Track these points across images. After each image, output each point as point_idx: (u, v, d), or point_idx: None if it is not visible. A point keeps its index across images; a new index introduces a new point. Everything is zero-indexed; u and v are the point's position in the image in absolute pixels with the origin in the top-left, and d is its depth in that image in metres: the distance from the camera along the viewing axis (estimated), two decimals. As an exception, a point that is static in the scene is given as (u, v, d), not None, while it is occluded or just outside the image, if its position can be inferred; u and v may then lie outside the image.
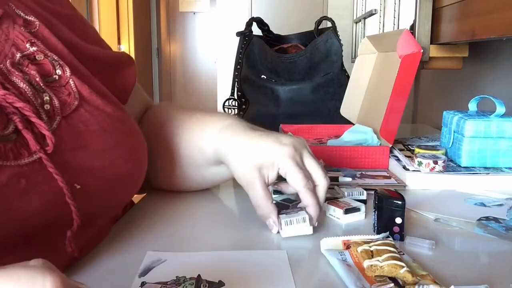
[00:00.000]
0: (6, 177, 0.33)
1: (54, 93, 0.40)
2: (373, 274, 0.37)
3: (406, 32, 0.75)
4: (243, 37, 1.17)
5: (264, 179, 0.50)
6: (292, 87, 1.07)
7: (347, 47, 1.75)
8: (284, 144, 0.50)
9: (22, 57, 0.40)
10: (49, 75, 0.41)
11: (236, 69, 1.17)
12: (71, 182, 0.37)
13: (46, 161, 0.36)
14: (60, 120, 0.39)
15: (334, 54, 1.10)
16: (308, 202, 0.49)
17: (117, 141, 0.44)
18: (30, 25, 0.43)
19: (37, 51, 0.41)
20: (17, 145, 0.35)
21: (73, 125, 0.40)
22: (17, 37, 0.41)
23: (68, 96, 0.41)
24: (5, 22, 0.41)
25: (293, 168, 0.49)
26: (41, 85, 0.40)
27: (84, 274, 0.40)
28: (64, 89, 0.41)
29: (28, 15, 0.44)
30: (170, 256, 0.43)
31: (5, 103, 0.36)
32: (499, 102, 0.68)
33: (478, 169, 0.68)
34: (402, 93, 0.74)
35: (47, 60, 0.42)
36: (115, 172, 0.43)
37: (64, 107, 0.40)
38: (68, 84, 0.42)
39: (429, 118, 1.35)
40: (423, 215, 0.55)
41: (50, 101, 0.40)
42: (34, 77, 0.40)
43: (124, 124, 0.47)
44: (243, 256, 0.44)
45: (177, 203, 0.59)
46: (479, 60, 1.04)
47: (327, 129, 0.97)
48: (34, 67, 0.40)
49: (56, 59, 0.42)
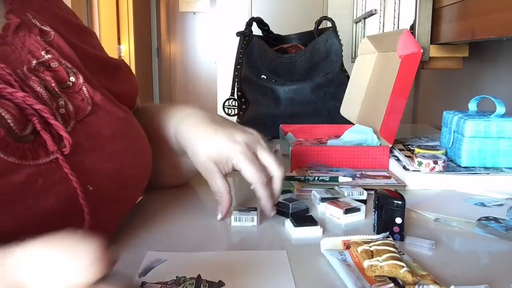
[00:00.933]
0: (25, 176, 0.34)
1: (68, 98, 0.42)
2: (373, 274, 0.38)
3: (406, 32, 0.75)
4: (243, 37, 1.17)
5: (221, 170, 0.53)
6: (292, 87, 1.07)
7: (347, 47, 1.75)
8: (236, 142, 0.52)
9: (38, 64, 0.42)
10: (63, 81, 0.43)
11: (236, 69, 1.17)
12: (84, 184, 0.38)
13: (62, 161, 0.37)
14: (75, 124, 0.41)
15: (334, 54, 1.10)
16: (261, 195, 0.51)
17: (126, 145, 0.46)
18: (45, 35, 0.46)
19: (51, 58, 0.44)
20: (34, 146, 0.37)
21: (87, 129, 0.42)
22: (33, 45, 0.43)
23: (81, 102, 0.43)
24: (22, 31, 0.44)
25: (245, 163, 0.51)
26: (57, 90, 0.42)
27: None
28: (78, 95, 0.44)
29: (44, 26, 0.46)
30: (170, 256, 0.43)
31: (25, 105, 0.37)
32: (499, 102, 0.68)
33: (478, 169, 0.68)
34: (402, 93, 0.74)
35: (61, 68, 0.44)
36: (124, 175, 0.44)
37: (78, 111, 0.42)
38: (81, 91, 0.44)
39: (429, 118, 1.35)
40: (423, 215, 0.55)
41: (65, 105, 0.42)
42: (50, 83, 0.41)
43: (133, 129, 0.48)
44: (243, 256, 0.44)
45: (177, 203, 0.59)
46: (479, 60, 1.04)
47: (327, 129, 0.97)
48: (50, 73, 0.42)
49: (70, 67, 0.44)
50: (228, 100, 1.17)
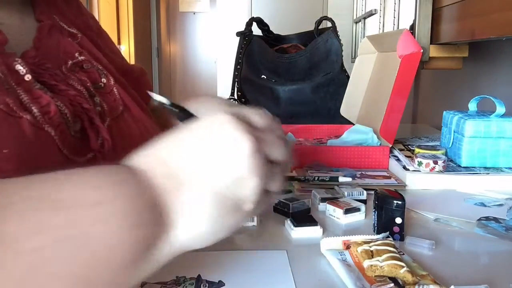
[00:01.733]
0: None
1: (102, 98, 0.43)
2: (373, 274, 0.37)
3: (406, 32, 0.75)
4: (243, 37, 1.17)
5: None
6: (292, 87, 1.08)
7: (347, 47, 1.75)
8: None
9: (73, 64, 0.43)
10: (96, 82, 0.44)
11: (236, 69, 1.17)
12: None
13: (102, 160, 0.38)
14: (110, 122, 0.42)
15: (334, 54, 1.10)
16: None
17: None
18: (73, 37, 0.46)
19: (84, 60, 0.45)
20: (81, 143, 0.38)
21: (120, 128, 0.43)
22: (67, 46, 0.44)
23: (114, 102, 0.45)
24: (55, 33, 0.45)
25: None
26: (92, 90, 0.43)
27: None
28: (110, 96, 0.45)
29: (71, 28, 0.47)
30: (170, 256, 0.43)
31: (76, 103, 0.39)
32: (499, 102, 0.68)
33: (478, 169, 0.68)
34: (402, 93, 0.74)
35: (93, 69, 0.45)
36: None
37: (112, 111, 0.43)
38: (113, 92, 0.45)
39: (429, 118, 1.35)
40: (423, 215, 0.55)
41: (101, 104, 0.43)
42: (85, 82, 0.42)
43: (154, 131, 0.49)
44: (243, 256, 0.44)
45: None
46: (479, 60, 1.04)
47: (327, 129, 0.97)
48: (84, 74, 0.43)
49: (101, 69, 0.46)
50: (228, 100, 1.17)
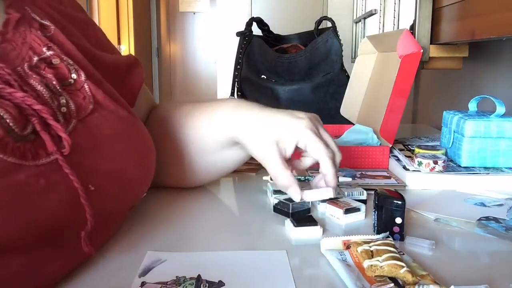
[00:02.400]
0: (25, 176, 0.34)
1: (70, 96, 0.41)
2: (373, 274, 0.37)
3: (406, 32, 0.75)
4: (243, 37, 1.17)
5: (282, 152, 0.51)
6: (292, 87, 1.08)
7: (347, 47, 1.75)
8: (300, 118, 0.52)
9: (39, 60, 0.41)
10: (65, 79, 0.42)
11: (236, 69, 1.17)
12: (85, 183, 0.38)
13: (62, 162, 0.36)
14: (76, 123, 0.40)
15: (334, 54, 1.10)
16: (329, 170, 0.51)
17: (128, 146, 0.45)
18: (45, 29, 0.44)
19: (53, 55, 0.42)
20: (35, 146, 0.36)
21: (88, 128, 0.41)
22: (34, 40, 0.42)
23: (83, 100, 0.42)
24: (22, 26, 0.42)
25: (313, 138, 0.50)
26: (58, 88, 0.41)
27: (85, 274, 0.40)
28: (79, 93, 0.43)
29: (44, 20, 0.45)
30: (170, 256, 0.43)
31: (24, 105, 0.37)
32: (499, 102, 0.68)
33: (478, 169, 0.68)
34: (402, 93, 0.74)
35: (63, 64, 0.43)
36: (125, 176, 0.44)
37: (80, 110, 0.41)
38: (83, 88, 0.43)
39: (429, 118, 1.35)
40: (423, 215, 0.55)
41: (67, 104, 0.41)
42: (51, 80, 0.41)
43: (135, 129, 0.48)
44: (243, 256, 0.44)
45: (177, 203, 0.59)
46: (479, 60, 1.04)
47: (327, 129, 0.96)
48: (51, 71, 0.41)
49: (71, 64, 0.43)
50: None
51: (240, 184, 0.69)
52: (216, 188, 0.66)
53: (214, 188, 0.66)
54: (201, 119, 0.58)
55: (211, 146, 0.58)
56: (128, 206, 0.50)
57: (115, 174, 0.42)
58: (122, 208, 0.48)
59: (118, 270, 0.41)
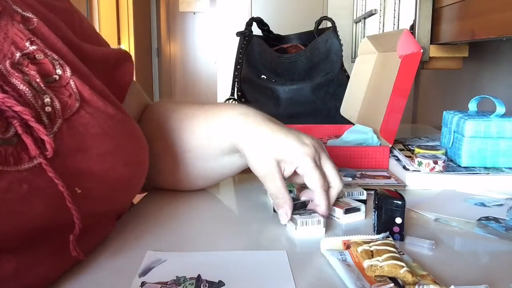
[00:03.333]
0: (6, 183, 0.33)
1: (55, 94, 0.39)
2: (373, 274, 0.37)
3: (406, 32, 0.75)
4: (243, 37, 1.17)
5: (281, 171, 0.51)
6: (292, 87, 1.07)
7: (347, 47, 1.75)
8: (305, 144, 0.51)
9: (22, 56, 0.39)
10: (49, 75, 0.40)
11: (236, 69, 1.17)
12: (72, 186, 0.37)
13: (46, 166, 0.35)
14: (62, 123, 0.39)
15: (334, 54, 1.10)
16: (321, 202, 0.50)
17: (118, 144, 0.43)
18: (28, 22, 0.41)
19: (36, 50, 0.40)
20: (18, 149, 0.35)
21: (74, 128, 0.39)
22: (16, 35, 0.40)
23: (69, 98, 0.40)
24: (4, 19, 0.40)
25: (312, 168, 0.50)
26: (42, 86, 0.39)
27: (84, 274, 0.40)
28: (65, 90, 0.40)
29: (26, 11, 0.42)
30: (170, 256, 0.43)
31: (4, 107, 0.35)
32: (499, 102, 0.68)
33: (478, 169, 0.68)
34: (402, 93, 0.74)
35: (47, 60, 0.40)
36: (116, 175, 0.42)
37: (65, 109, 0.39)
38: (69, 85, 0.41)
39: (429, 118, 1.35)
40: (423, 215, 0.55)
41: (51, 103, 0.39)
42: (34, 78, 0.38)
43: (125, 126, 0.46)
44: (243, 256, 0.44)
45: (177, 203, 0.59)
46: (479, 60, 1.04)
47: (327, 129, 0.97)
48: (34, 67, 0.39)
49: (56, 58, 0.41)
50: (228, 100, 1.17)
51: (240, 184, 0.69)
52: (216, 188, 0.66)
53: (214, 188, 0.66)
54: (202, 124, 0.57)
55: (211, 152, 0.57)
56: (121, 206, 0.49)
57: (104, 174, 0.41)
58: (115, 208, 0.47)
59: (118, 270, 0.41)
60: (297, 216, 0.49)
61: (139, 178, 0.49)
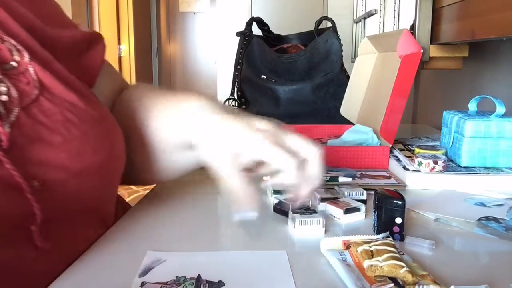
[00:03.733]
0: None
1: (11, 82, 0.38)
2: (373, 274, 0.37)
3: (406, 32, 0.75)
4: (243, 37, 1.17)
5: (236, 163, 0.44)
6: (292, 87, 1.07)
7: (347, 47, 1.75)
8: (258, 131, 0.45)
9: None
10: (6, 62, 0.38)
11: (236, 69, 1.17)
12: (34, 177, 0.36)
13: (3, 157, 0.34)
14: (19, 112, 0.37)
15: (334, 54, 1.10)
16: (293, 180, 0.43)
17: (84, 130, 0.41)
18: None
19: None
20: None
21: (34, 116, 0.38)
22: None
23: (27, 85, 0.38)
24: None
25: (266, 149, 0.43)
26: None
27: (84, 274, 0.40)
28: (23, 77, 0.39)
29: None
30: (170, 256, 0.43)
31: None
32: (499, 102, 0.68)
33: (478, 169, 0.68)
34: (402, 93, 0.74)
35: (4, 46, 0.39)
36: (83, 164, 0.40)
37: (23, 97, 0.38)
38: (27, 72, 0.39)
39: (429, 118, 1.35)
40: (423, 215, 0.55)
41: (8, 91, 0.37)
42: None
43: (92, 112, 0.43)
44: (243, 256, 0.44)
45: (177, 203, 0.59)
46: (479, 60, 1.04)
47: (327, 129, 0.97)
48: None
49: (14, 44, 0.40)
50: (228, 100, 1.17)
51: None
52: (216, 188, 0.66)
53: (214, 188, 0.66)
54: (162, 116, 0.53)
55: (172, 145, 0.53)
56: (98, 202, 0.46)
57: (69, 163, 0.39)
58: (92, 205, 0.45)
59: (118, 270, 0.41)
60: (297, 215, 0.49)
61: (111, 164, 0.45)
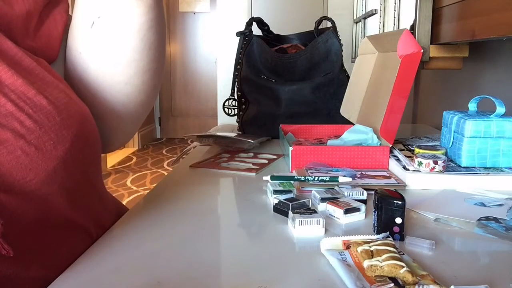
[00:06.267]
0: None
1: None
2: (373, 274, 0.37)
3: (406, 32, 0.75)
4: (243, 37, 1.17)
5: None
6: (292, 87, 1.07)
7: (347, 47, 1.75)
8: None
9: None
10: None
11: (236, 69, 1.17)
12: None
13: None
14: None
15: (334, 54, 1.10)
16: None
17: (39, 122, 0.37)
18: None
19: None
20: None
21: None
22: None
23: None
24: None
25: None
26: None
27: (84, 274, 0.40)
28: None
29: None
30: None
31: None
32: (499, 102, 0.68)
33: (478, 169, 0.68)
34: (402, 93, 0.74)
35: None
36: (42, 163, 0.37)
37: None
38: None
39: (429, 118, 1.35)
40: (423, 215, 0.55)
41: None
42: None
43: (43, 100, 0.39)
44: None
45: (177, 203, 0.59)
46: (479, 60, 1.04)
47: (327, 129, 0.97)
48: None
49: None
50: (228, 100, 1.17)
51: (240, 184, 0.69)
52: (216, 188, 0.66)
53: (214, 188, 0.66)
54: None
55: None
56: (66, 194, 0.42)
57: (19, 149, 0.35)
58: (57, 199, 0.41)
59: (118, 270, 0.41)
60: (297, 215, 0.49)
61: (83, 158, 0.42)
